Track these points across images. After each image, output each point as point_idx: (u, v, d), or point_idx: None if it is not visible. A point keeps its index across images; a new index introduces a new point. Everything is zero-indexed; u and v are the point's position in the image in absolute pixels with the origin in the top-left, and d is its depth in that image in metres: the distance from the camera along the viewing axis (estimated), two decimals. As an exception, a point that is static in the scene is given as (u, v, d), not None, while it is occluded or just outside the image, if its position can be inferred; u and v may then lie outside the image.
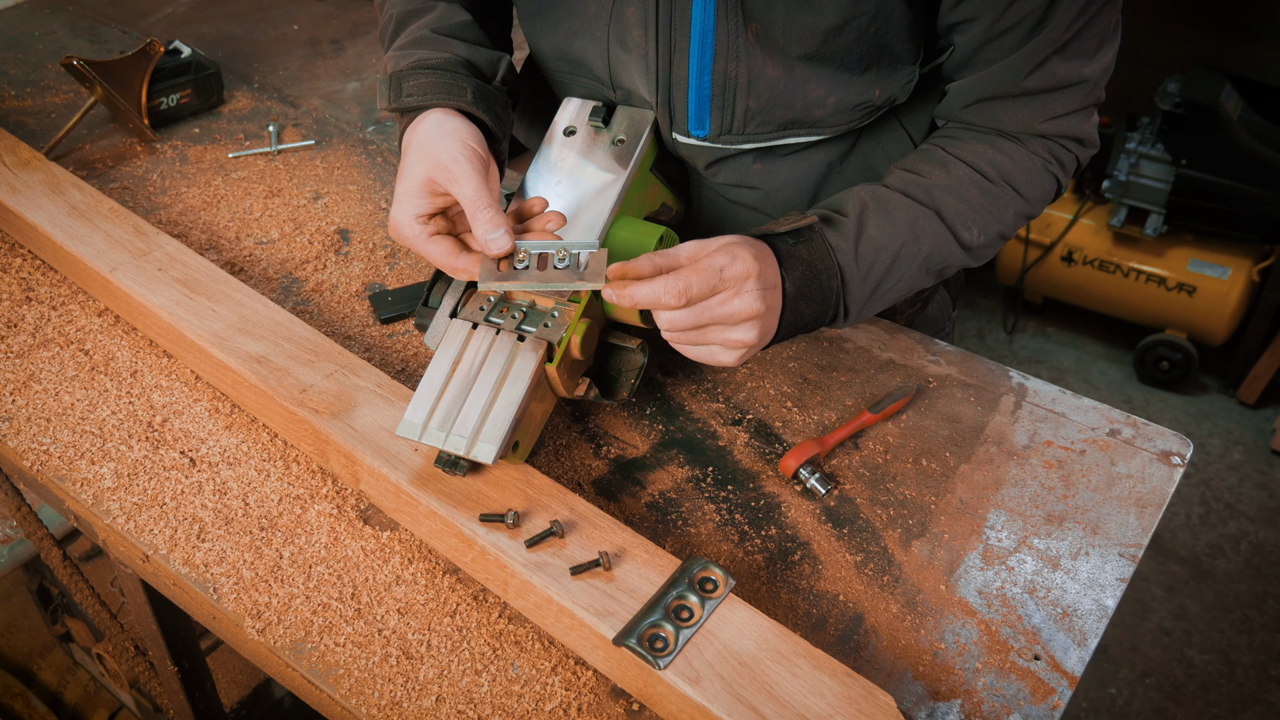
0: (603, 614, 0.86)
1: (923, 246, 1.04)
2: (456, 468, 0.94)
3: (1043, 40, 0.98)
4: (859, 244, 1.01)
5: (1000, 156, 1.06)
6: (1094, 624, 0.96)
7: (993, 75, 1.02)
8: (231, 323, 1.12)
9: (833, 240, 1.00)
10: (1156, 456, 1.11)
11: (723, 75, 1.04)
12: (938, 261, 1.06)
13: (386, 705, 0.88)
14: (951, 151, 1.07)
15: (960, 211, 1.05)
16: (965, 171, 1.06)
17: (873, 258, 1.01)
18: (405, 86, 1.05)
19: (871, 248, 1.01)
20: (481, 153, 0.99)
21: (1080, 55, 1.01)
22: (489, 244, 0.95)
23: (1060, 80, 1.02)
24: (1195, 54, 3.13)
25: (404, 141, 1.03)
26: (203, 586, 0.97)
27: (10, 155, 1.37)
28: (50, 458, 1.08)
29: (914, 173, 1.06)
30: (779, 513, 1.05)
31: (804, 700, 0.80)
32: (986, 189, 1.06)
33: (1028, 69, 1.00)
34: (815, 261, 0.98)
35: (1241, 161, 2.84)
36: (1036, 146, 1.07)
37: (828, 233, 1.00)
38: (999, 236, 1.09)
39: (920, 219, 1.03)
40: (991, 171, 1.06)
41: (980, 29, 0.99)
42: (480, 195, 0.95)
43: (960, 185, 1.05)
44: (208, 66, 1.61)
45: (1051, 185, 1.09)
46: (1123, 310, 3.23)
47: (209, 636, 1.72)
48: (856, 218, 1.02)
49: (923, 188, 1.05)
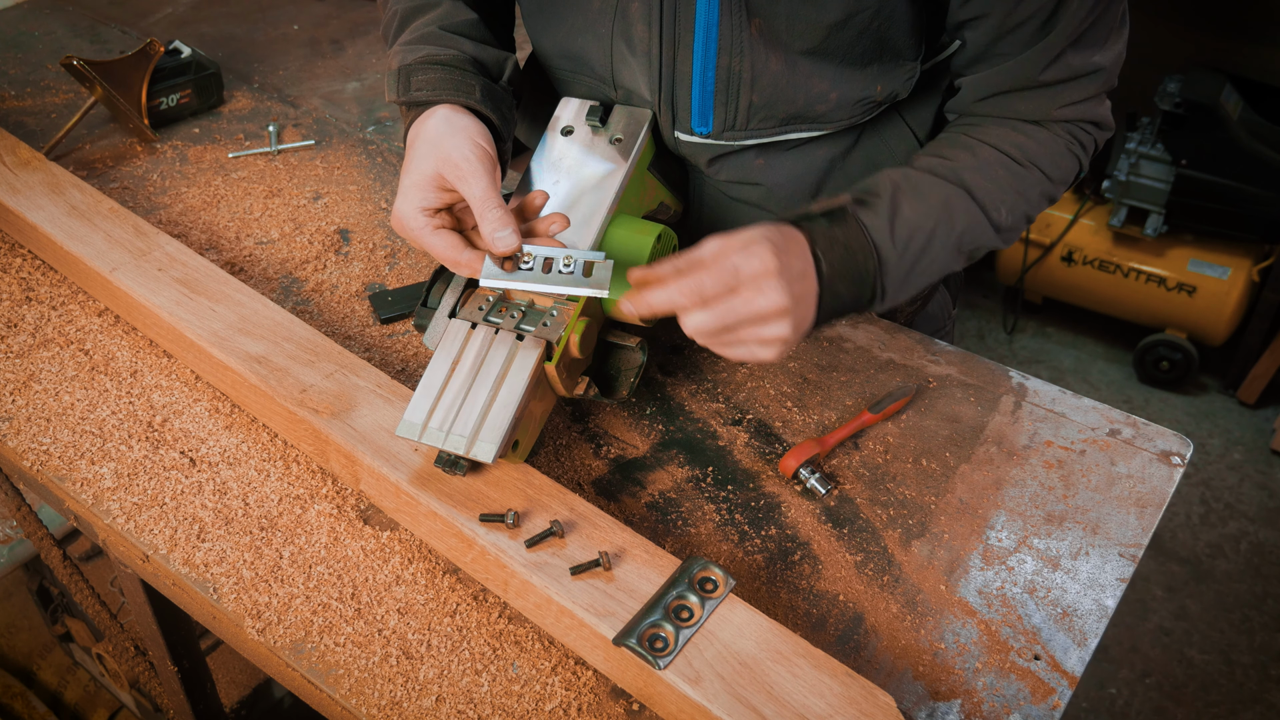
0: (603, 614, 0.86)
1: (956, 225, 1.03)
2: (456, 467, 0.94)
3: (1058, 34, 0.98)
4: (894, 223, 0.99)
5: (1023, 139, 1.06)
6: (1094, 624, 0.96)
7: (1008, 70, 1.03)
8: (231, 323, 1.12)
9: (867, 220, 0.99)
10: (1156, 456, 1.11)
11: (726, 70, 1.04)
12: (970, 241, 1.05)
13: (386, 705, 0.88)
14: (975, 136, 1.07)
15: (990, 191, 1.04)
16: (991, 153, 1.05)
17: (908, 237, 1.00)
18: (414, 81, 1.05)
19: (906, 227, 1.00)
20: (490, 152, 0.99)
21: (1093, 45, 1.01)
22: (496, 242, 0.95)
23: (1075, 70, 1.02)
24: (1195, 54, 3.13)
25: (411, 135, 1.02)
26: (203, 586, 0.97)
27: (10, 155, 1.37)
28: (50, 458, 1.08)
29: (940, 156, 1.06)
30: (779, 513, 1.05)
31: (804, 700, 0.80)
32: (1013, 169, 1.05)
33: (1044, 63, 1.01)
34: (850, 242, 0.97)
35: (1241, 161, 2.84)
36: (1057, 129, 1.07)
37: (861, 213, 0.99)
38: (1025, 217, 1.08)
39: (953, 198, 1.03)
40: (1016, 153, 1.06)
41: (992, 25, 0.99)
42: (489, 194, 0.95)
43: (987, 166, 1.05)
44: (208, 66, 1.61)
45: (1074, 165, 1.09)
46: (1123, 310, 3.23)
47: (209, 636, 1.72)
48: (890, 198, 1.01)
49: (951, 169, 1.04)
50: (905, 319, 1.35)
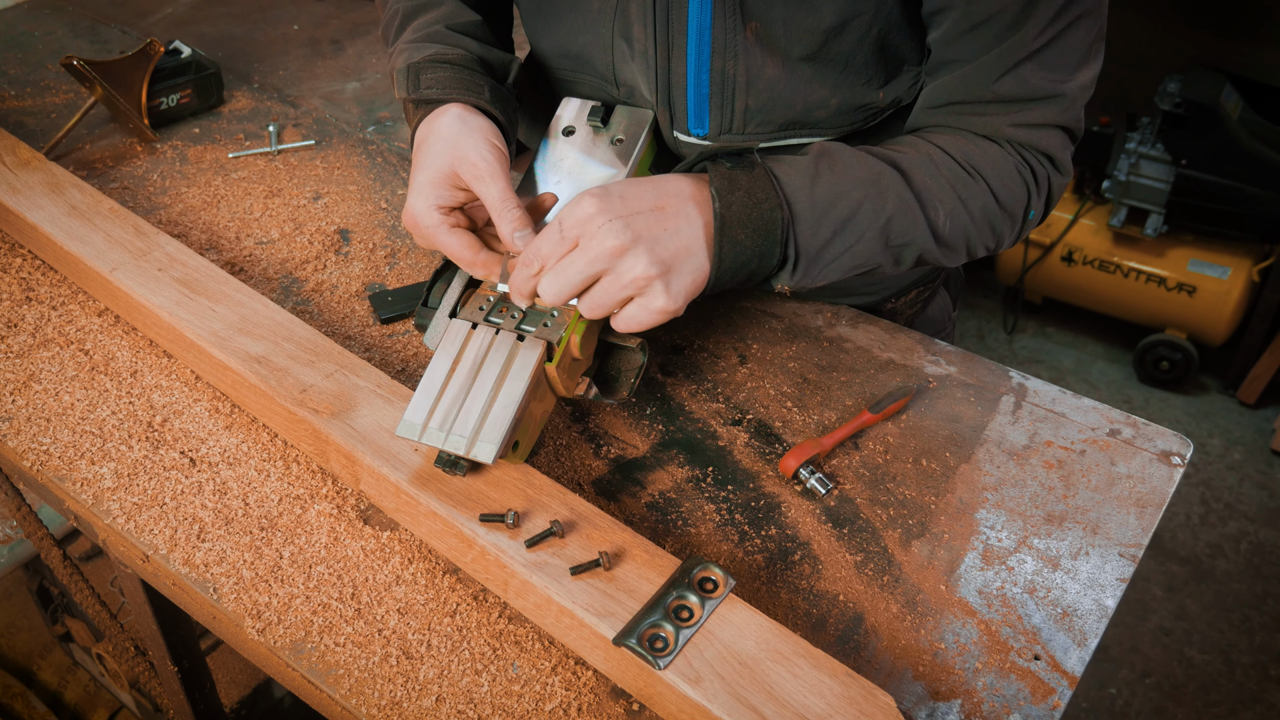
0: (603, 614, 0.86)
1: (886, 205, 0.97)
2: (456, 467, 0.94)
3: (1016, 42, 0.95)
4: (815, 182, 0.95)
5: (971, 147, 1.02)
6: (1094, 624, 0.96)
7: (964, 77, 0.99)
8: (231, 323, 1.12)
9: (780, 173, 0.95)
10: (1156, 456, 1.11)
11: (720, 74, 1.04)
12: (900, 233, 0.99)
13: (386, 705, 0.88)
14: (921, 135, 1.04)
15: (928, 187, 0.99)
16: (934, 151, 1.01)
17: (829, 201, 0.95)
18: (424, 79, 1.05)
19: (829, 190, 0.95)
20: (504, 151, 0.99)
21: (1057, 69, 0.98)
22: (516, 241, 0.95)
23: (1033, 90, 0.98)
24: (1195, 54, 3.13)
25: (421, 133, 1.02)
26: (203, 586, 0.97)
27: (10, 155, 1.37)
28: (50, 458, 1.08)
29: (881, 145, 1.02)
30: (779, 513, 1.05)
31: (804, 700, 0.80)
32: (955, 171, 1.01)
33: (999, 71, 0.97)
34: (755, 189, 0.93)
35: (1241, 161, 2.84)
36: (1007, 147, 1.03)
37: (774, 165, 0.95)
38: (965, 234, 1.03)
39: (885, 176, 0.97)
40: (962, 158, 1.01)
41: (954, 19, 0.96)
42: (507, 194, 0.95)
43: (929, 161, 1.00)
44: (208, 66, 1.61)
45: (1021, 191, 1.04)
46: (1123, 310, 3.23)
47: (209, 636, 1.72)
48: (815, 158, 0.97)
49: (889, 155, 1.00)
50: (905, 320, 1.35)
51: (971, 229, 1.03)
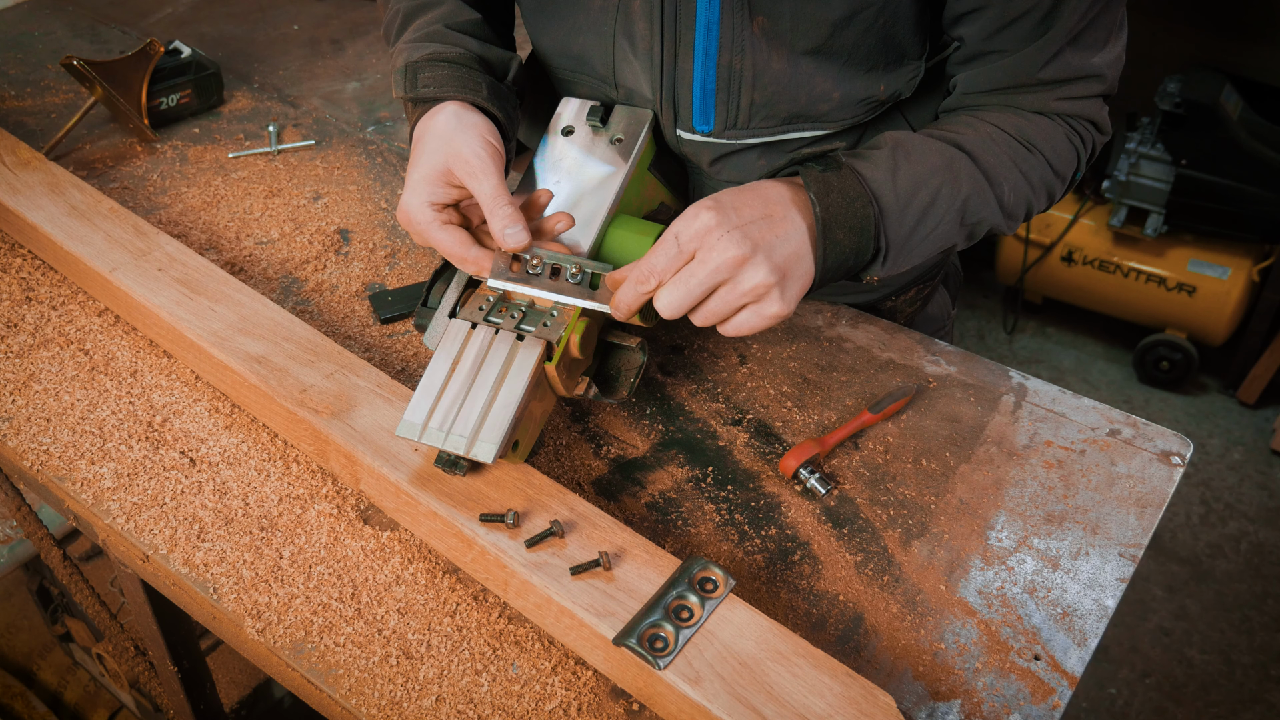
0: (603, 614, 0.86)
1: (961, 188, 1.01)
2: (456, 467, 0.94)
3: (1057, 30, 0.98)
4: (896, 175, 0.98)
5: (1025, 122, 1.05)
6: (1094, 624, 0.96)
7: (1007, 67, 1.02)
8: (231, 323, 1.12)
9: (864, 170, 0.98)
10: (1156, 456, 1.11)
11: (727, 69, 1.04)
12: (974, 212, 1.03)
13: (386, 705, 0.88)
14: (976, 115, 1.07)
15: (993, 165, 1.03)
16: (993, 130, 1.04)
17: (911, 190, 0.98)
18: (421, 77, 1.05)
19: (910, 180, 0.98)
20: (499, 149, 0.99)
21: (1092, 46, 1.01)
22: (506, 238, 0.95)
23: (1075, 71, 1.02)
24: (1195, 54, 3.13)
25: (418, 131, 1.03)
26: (203, 586, 0.97)
27: (10, 155, 1.37)
28: (50, 458, 1.08)
29: (941, 129, 1.05)
30: (779, 513, 1.05)
31: (804, 700, 0.80)
32: (1014, 148, 1.04)
33: (1042, 60, 1.00)
34: (847, 189, 0.96)
35: (1241, 161, 2.84)
36: (1056, 120, 1.07)
37: (858, 164, 0.98)
38: (1026, 204, 1.07)
39: (957, 160, 1.01)
40: (1018, 134, 1.05)
41: (990, 18, 0.99)
42: (500, 191, 0.96)
43: (990, 141, 1.04)
44: (208, 66, 1.61)
45: (1073, 157, 1.08)
46: (1123, 310, 3.23)
47: (209, 636, 1.72)
48: (891, 150, 0.99)
49: (953, 138, 1.03)
50: (905, 320, 1.35)
51: (1031, 197, 1.08)
